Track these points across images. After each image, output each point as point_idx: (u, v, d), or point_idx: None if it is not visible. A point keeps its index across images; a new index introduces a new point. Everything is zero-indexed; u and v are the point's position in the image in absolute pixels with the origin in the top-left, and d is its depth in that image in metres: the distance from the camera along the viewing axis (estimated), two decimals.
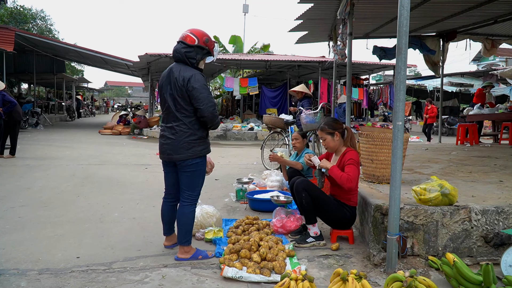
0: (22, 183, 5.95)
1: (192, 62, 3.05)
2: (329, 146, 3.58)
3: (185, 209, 3.11)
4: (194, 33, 3.05)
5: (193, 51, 3.03)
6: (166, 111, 3.10)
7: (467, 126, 9.33)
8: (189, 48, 3.02)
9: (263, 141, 7.93)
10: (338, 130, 3.52)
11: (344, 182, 3.25)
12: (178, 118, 3.02)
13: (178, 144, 3.02)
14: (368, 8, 6.73)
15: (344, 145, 3.56)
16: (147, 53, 13.96)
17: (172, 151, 3.05)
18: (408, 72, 29.87)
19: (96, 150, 10.22)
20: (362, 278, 2.54)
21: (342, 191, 3.42)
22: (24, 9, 27.76)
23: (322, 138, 3.58)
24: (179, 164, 3.08)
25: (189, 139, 3.02)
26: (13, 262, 3.01)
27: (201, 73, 3.07)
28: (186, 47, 3.03)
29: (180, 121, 3.02)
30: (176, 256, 3.12)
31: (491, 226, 3.02)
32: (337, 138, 3.52)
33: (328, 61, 14.96)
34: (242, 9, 30.13)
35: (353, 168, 3.31)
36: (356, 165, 3.34)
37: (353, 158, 3.38)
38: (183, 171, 3.10)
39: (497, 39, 8.91)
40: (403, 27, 2.71)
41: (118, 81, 60.66)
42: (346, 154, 3.44)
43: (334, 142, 3.53)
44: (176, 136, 3.03)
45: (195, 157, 3.05)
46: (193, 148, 3.03)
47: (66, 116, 24.22)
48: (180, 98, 2.99)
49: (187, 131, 3.02)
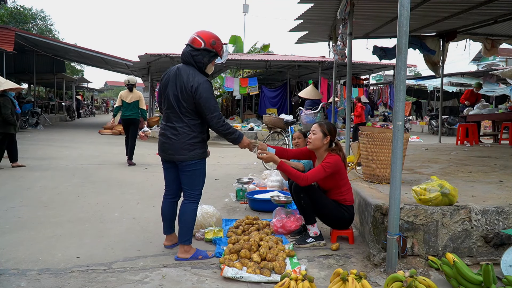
0: (22, 183, 5.95)
1: (200, 66, 3.06)
2: (313, 142, 3.48)
3: (187, 207, 3.13)
4: (201, 36, 3.06)
5: (200, 55, 3.04)
6: (169, 110, 3.10)
7: (467, 126, 9.33)
8: (196, 52, 3.03)
9: (263, 141, 7.94)
10: (331, 136, 3.49)
11: (295, 179, 3.31)
12: (182, 120, 3.04)
13: (180, 145, 3.04)
14: (368, 8, 6.73)
15: (327, 151, 3.49)
16: (147, 53, 13.95)
17: (173, 151, 3.07)
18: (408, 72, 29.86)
19: (96, 150, 10.23)
20: (362, 278, 2.54)
21: (336, 194, 3.43)
22: (24, 9, 27.80)
23: (314, 132, 3.50)
24: (179, 164, 3.10)
25: (192, 141, 3.05)
26: (13, 262, 3.01)
27: (208, 79, 3.09)
28: (194, 50, 3.04)
29: (184, 123, 3.04)
30: (176, 256, 3.13)
31: (491, 226, 3.02)
32: (325, 142, 3.47)
33: (328, 61, 14.95)
34: (242, 9, 30.14)
35: (318, 170, 3.30)
36: (325, 169, 3.28)
37: (329, 161, 3.32)
38: (183, 171, 3.12)
39: (497, 39, 8.90)
40: (403, 27, 2.71)
41: (118, 81, 60.58)
42: (326, 158, 3.40)
43: (321, 142, 3.46)
44: (178, 137, 3.04)
45: (196, 159, 3.07)
46: (195, 150, 3.07)
47: (66, 116, 24.21)
48: (186, 103, 3.01)
49: (190, 133, 3.04)
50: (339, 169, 3.38)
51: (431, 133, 17.14)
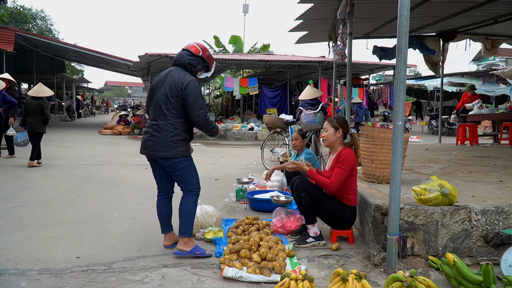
0: (22, 183, 5.95)
1: (193, 70, 3.23)
2: (328, 139, 3.54)
3: (187, 199, 3.21)
4: (200, 46, 3.30)
5: (195, 61, 3.23)
6: (155, 108, 3.19)
7: (467, 126, 9.33)
8: (193, 57, 3.23)
9: (263, 141, 7.93)
10: (343, 129, 3.53)
11: (324, 187, 3.35)
12: (166, 117, 3.11)
13: (162, 142, 3.10)
14: (368, 8, 6.73)
15: (342, 145, 3.54)
16: (147, 53, 13.95)
17: (155, 147, 3.13)
18: (408, 72, 29.85)
19: (96, 150, 10.22)
20: (362, 278, 2.54)
21: (341, 191, 3.41)
22: (24, 9, 27.79)
23: (325, 129, 3.57)
24: (163, 163, 3.16)
25: (174, 139, 3.10)
26: (13, 262, 3.01)
27: (198, 80, 3.26)
28: (191, 55, 3.22)
29: (168, 120, 3.11)
30: (176, 248, 3.20)
31: (491, 226, 3.02)
32: (339, 135, 3.52)
33: (328, 61, 14.95)
34: (242, 9, 30.14)
35: (340, 171, 3.32)
36: (345, 168, 3.32)
37: (346, 159, 3.35)
38: (172, 171, 3.19)
39: (497, 39, 8.89)
40: (403, 27, 2.71)
41: (118, 81, 60.66)
42: (342, 153, 3.42)
43: (334, 137, 3.52)
44: (161, 134, 3.11)
45: (177, 156, 3.12)
46: (177, 148, 3.11)
47: (66, 116, 24.21)
48: (174, 98, 3.09)
49: (173, 131, 3.10)
50: (354, 163, 3.41)
51: (431, 133, 17.12)
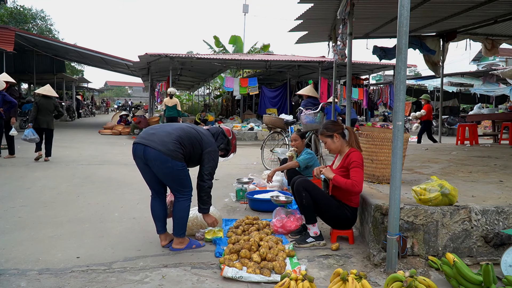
0: (22, 183, 5.95)
1: (219, 144, 3.53)
2: (331, 149, 3.58)
3: (181, 204, 3.29)
4: (233, 134, 3.71)
5: (223, 140, 3.59)
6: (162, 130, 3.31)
7: (467, 126, 9.33)
8: (224, 137, 3.60)
9: (263, 141, 7.93)
10: (337, 131, 3.51)
11: (350, 188, 3.26)
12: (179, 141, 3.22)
13: (166, 138, 3.16)
14: (368, 8, 6.73)
15: (347, 145, 3.53)
16: (147, 53, 13.95)
17: (157, 140, 3.15)
18: (408, 72, 29.86)
19: (96, 150, 10.22)
20: (362, 278, 2.54)
21: (345, 192, 3.41)
22: (24, 9, 27.79)
23: (323, 141, 3.61)
24: (154, 161, 3.13)
25: (175, 147, 3.16)
26: (13, 262, 3.01)
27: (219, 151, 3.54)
28: (223, 134, 3.60)
29: (178, 143, 3.22)
30: (171, 246, 3.29)
31: (491, 226, 3.02)
32: (337, 140, 3.51)
33: (328, 61, 14.94)
34: (242, 9, 30.14)
35: (357, 170, 3.31)
36: (360, 167, 3.34)
37: (357, 160, 3.35)
38: (162, 174, 3.19)
39: (497, 39, 8.89)
40: (403, 27, 2.71)
41: (118, 81, 60.60)
42: (350, 155, 3.42)
43: (335, 144, 3.53)
44: (168, 138, 3.19)
45: (170, 156, 3.11)
46: (175, 151, 3.14)
47: (66, 116, 24.19)
48: (194, 147, 3.28)
49: (179, 147, 3.20)
50: (363, 161, 3.42)
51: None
